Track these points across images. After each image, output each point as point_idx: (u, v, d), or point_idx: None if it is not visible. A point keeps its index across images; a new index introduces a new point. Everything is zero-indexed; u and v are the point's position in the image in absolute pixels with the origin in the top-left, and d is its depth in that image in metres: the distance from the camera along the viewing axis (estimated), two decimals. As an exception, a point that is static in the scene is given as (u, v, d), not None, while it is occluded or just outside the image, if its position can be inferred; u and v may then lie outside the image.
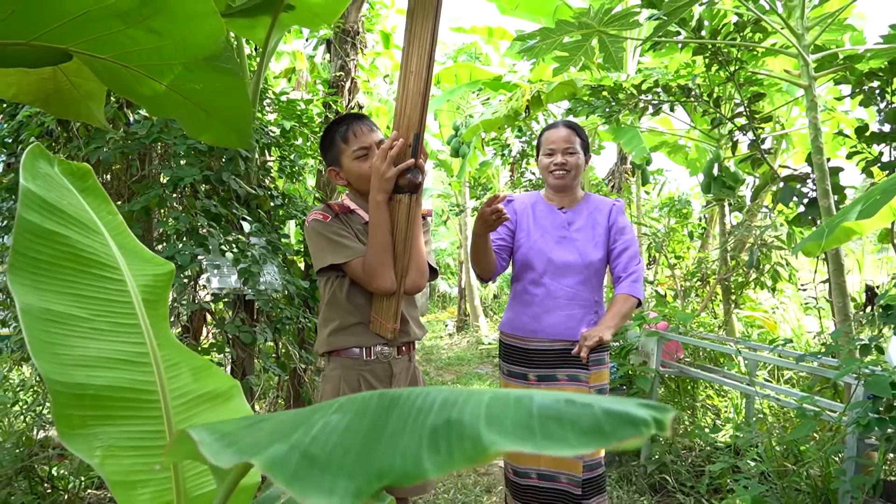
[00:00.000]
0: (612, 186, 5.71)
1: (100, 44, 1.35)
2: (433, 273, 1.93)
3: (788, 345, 2.76)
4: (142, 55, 1.41)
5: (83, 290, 0.87)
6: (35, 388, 2.45)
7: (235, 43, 2.35)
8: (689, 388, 3.80)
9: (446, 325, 10.04)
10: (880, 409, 1.80)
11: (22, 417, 2.38)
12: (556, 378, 2.23)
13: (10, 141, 2.33)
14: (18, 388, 2.46)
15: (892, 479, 1.94)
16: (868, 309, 3.31)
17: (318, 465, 0.51)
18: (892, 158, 3.14)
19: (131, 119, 2.32)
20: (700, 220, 5.19)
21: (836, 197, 3.21)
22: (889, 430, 1.94)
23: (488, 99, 8.49)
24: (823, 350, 2.60)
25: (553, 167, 2.21)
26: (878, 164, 3.28)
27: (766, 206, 4.32)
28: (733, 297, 4.29)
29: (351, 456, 0.52)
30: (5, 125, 2.30)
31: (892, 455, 2.41)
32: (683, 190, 7.46)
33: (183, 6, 1.28)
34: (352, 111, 3.07)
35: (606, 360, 2.33)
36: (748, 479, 2.18)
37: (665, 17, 2.55)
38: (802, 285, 3.86)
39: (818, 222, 3.27)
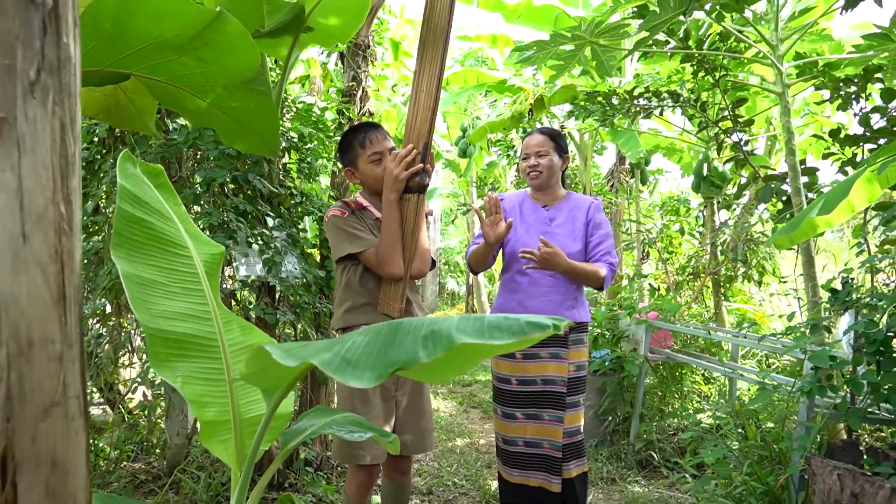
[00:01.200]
0: (611, 186, 5.97)
1: (157, 69, 1.65)
2: (433, 263, 2.22)
3: (752, 327, 3.02)
4: (190, 78, 1.71)
5: (162, 262, 1.17)
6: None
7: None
8: (679, 375, 4.05)
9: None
10: (820, 378, 2.07)
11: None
12: (539, 356, 2.50)
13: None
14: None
15: (835, 441, 2.21)
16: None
17: (352, 363, 0.80)
18: (865, 159, 3.37)
19: (170, 127, 2.62)
20: (697, 217, 5.43)
21: (814, 195, 3.46)
22: (833, 397, 2.21)
23: (495, 101, 8.78)
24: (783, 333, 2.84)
25: (528, 169, 2.51)
26: (852, 165, 3.52)
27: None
28: (723, 291, 4.54)
29: (371, 357, 0.81)
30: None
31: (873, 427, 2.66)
32: (683, 189, 7.71)
33: (227, 40, 1.58)
34: (363, 117, 3.37)
35: (585, 340, 2.61)
36: (715, 445, 2.45)
37: (648, 32, 2.81)
38: (783, 278, 4.10)
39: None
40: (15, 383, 0.73)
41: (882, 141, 3.09)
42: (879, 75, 3.33)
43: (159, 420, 2.99)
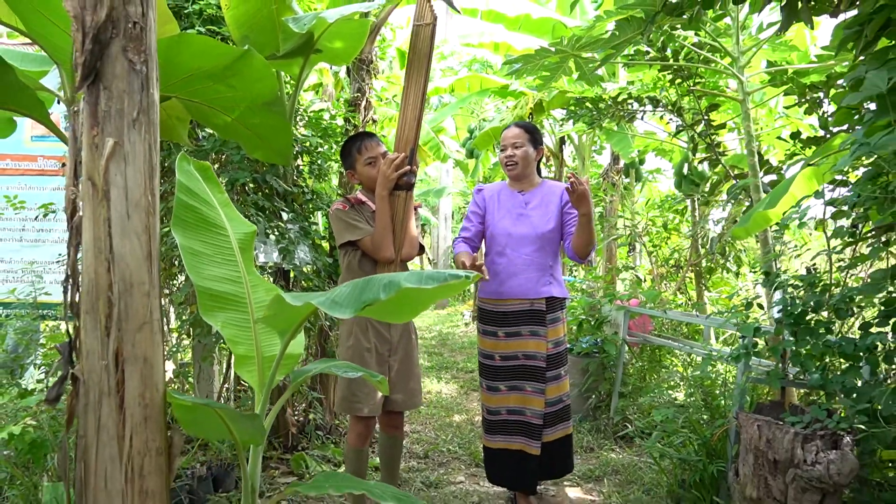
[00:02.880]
0: (611, 182, 6.33)
1: (196, 93, 2.08)
2: (421, 248, 2.63)
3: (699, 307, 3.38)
4: (221, 100, 2.14)
5: (208, 239, 1.59)
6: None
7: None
8: (658, 357, 4.42)
9: (463, 315, 10.73)
10: (747, 347, 2.45)
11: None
12: (520, 334, 2.80)
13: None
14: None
15: (763, 402, 2.58)
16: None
17: (338, 303, 1.21)
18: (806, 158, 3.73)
19: (200, 136, 3.05)
20: (683, 213, 5.79)
21: (777, 192, 3.82)
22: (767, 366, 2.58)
23: (500, 103, 9.18)
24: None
25: (505, 159, 2.84)
26: (812, 165, 3.87)
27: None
28: (704, 281, 4.89)
29: (350, 299, 1.21)
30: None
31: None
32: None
33: (252, 71, 2.00)
34: (367, 124, 3.79)
35: (561, 318, 2.93)
36: (668, 408, 2.84)
37: (614, 49, 3.19)
38: (754, 268, 4.44)
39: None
40: (122, 309, 1.15)
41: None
42: (841, 81, 3.68)
43: (189, 389, 3.43)
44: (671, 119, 4.38)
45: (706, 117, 4.16)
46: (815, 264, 2.94)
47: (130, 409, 1.13)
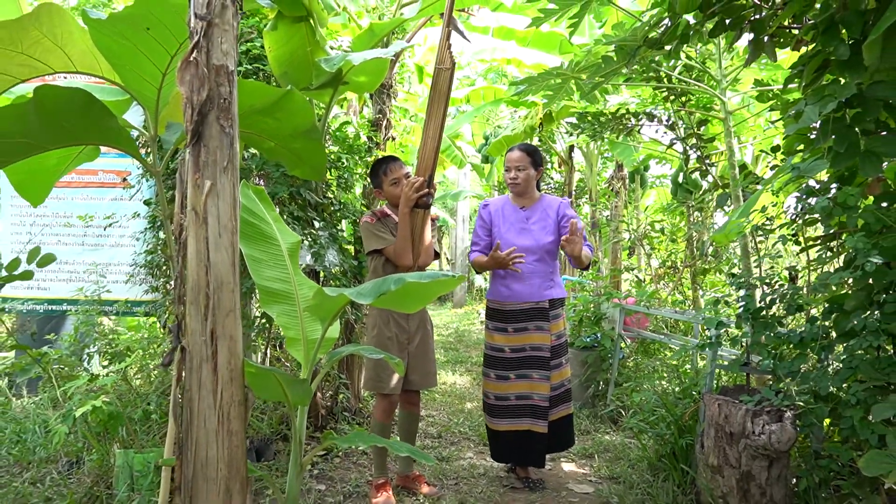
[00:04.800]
0: (612, 189, 6.73)
1: (249, 125, 2.55)
2: (436, 256, 3.08)
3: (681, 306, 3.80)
4: (268, 130, 2.60)
5: (264, 248, 2.06)
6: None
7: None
8: (652, 351, 4.83)
9: (479, 314, 11.17)
10: (711, 338, 2.86)
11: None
12: (527, 329, 3.22)
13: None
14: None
15: (728, 385, 2.99)
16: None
17: (362, 294, 1.67)
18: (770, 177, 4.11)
19: (246, 155, 3.54)
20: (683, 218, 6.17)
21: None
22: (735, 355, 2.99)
23: (516, 111, 9.61)
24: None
25: (509, 180, 3.28)
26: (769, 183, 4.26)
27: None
28: (698, 282, 5.29)
29: (371, 291, 1.67)
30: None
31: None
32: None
33: (293, 105, 2.46)
34: (387, 141, 4.26)
35: (562, 314, 3.37)
36: (647, 392, 3.27)
37: (603, 78, 3.62)
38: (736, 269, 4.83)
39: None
40: (216, 302, 1.62)
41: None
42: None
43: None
44: (665, 133, 4.77)
45: (696, 132, 4.56)
46: (795, 266, 3.33)
47: (221, 372, 1.60)
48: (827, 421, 2.69)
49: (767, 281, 2.85)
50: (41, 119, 1.89)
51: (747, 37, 2.95)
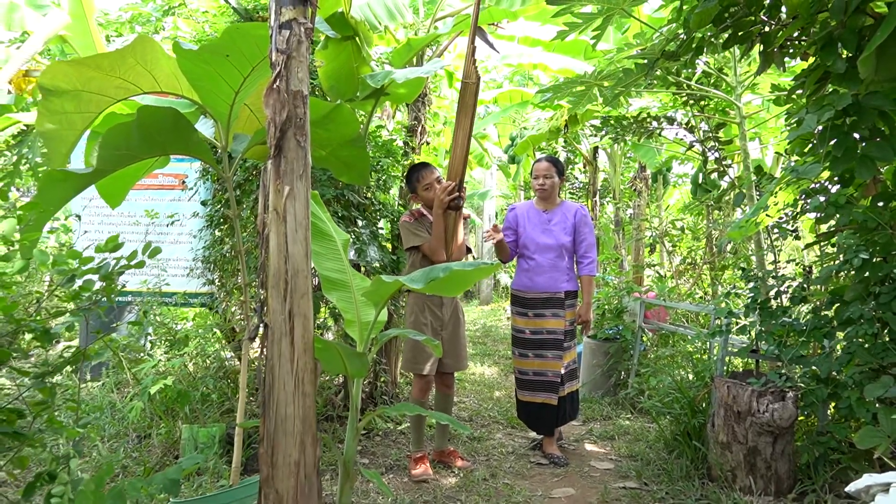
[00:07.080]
0: (634, 189, 6.97)
1: (305, 137, 2.88)
2: (468, 251, 3.40)
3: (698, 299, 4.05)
4: (319, 140, 2.94)
5: (322, 243, 2.39)
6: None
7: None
8: (672, 342, 5.07)
9: (505, 311, 11.46)
10: (720, 326, 3.13)
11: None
12: (545, 315, 3.62)
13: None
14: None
15: (737, 370, 3.24)
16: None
17: (414, 280, 2.00)
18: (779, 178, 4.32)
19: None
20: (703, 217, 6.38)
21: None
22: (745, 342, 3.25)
23: (542, 112, 9.87)
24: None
25: (537, 186, 3.64)
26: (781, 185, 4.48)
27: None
28: (717, 277, 5.51)
29: (422, 277, 2.00)
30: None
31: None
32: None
33: (341, 118, 2.79)
34: (422, 145, 4.59)
35: (575, 303, 3.73)
36: (663, 377, 3.54)
37: (624, 88, 3.89)
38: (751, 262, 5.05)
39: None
40: (293, 286, 1.95)
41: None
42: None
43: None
44: (685, 135, 5.00)
45: (714, 135, 4.79)
46: (796, 261, 3.58)
47: (297, 344, 1.94)
48: (832, 404, 2.94)
49: (774, 274, 3.10)
50: (141, 133, 2.26)
51: (760, 46, 3.20)
